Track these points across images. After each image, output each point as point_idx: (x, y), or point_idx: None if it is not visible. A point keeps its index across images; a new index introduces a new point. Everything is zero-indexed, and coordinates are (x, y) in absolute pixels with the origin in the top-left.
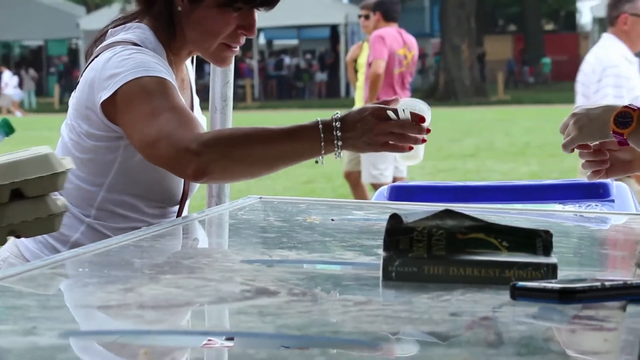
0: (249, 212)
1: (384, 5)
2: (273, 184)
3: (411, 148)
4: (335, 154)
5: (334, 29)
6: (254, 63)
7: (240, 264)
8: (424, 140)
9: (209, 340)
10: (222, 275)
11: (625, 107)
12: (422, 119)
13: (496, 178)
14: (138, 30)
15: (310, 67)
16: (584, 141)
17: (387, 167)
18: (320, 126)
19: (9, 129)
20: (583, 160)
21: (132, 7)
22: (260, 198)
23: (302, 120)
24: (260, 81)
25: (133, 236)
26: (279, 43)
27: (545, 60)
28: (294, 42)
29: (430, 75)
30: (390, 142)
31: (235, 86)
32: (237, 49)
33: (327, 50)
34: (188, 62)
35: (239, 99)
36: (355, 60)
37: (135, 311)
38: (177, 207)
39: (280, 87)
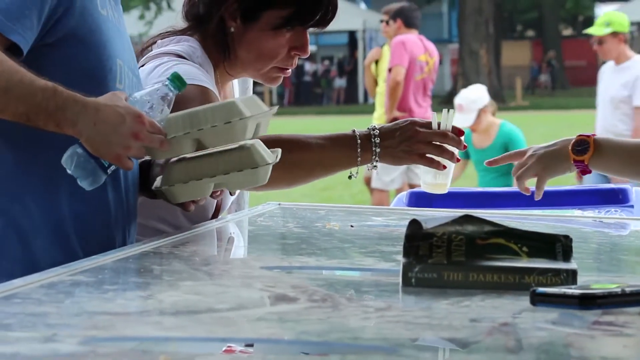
0: (268, 218)
1: (405, 12)
2: (291, 190)
3: (444, 167)
4: (372, 163)
5: (352, 35)
6: None
7: (260, 270)
8: (457, 160)
9: (229, 346)
10: (241, 282)
11: (580, 135)
12: (461, 132)
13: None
14: (186, 44)
15: (328, 74)
16: (550, 177)
17: (398, 175)
18: (358, 134)
19: (180, 84)
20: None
21: (151, 14)
22: (279, 204)
23: (322, 126)
24: (278, 88)
25: (152, 243)
26: None
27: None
28: (312, 48)
29: (447, 81)
30: (427, 154)
31: (254, 93)
32: (290, 70)
33: (345, 56)
34: (235, 82)
35: None
36: (376, 63)
37: (155, 318)
38: (210, 214)
39: (299, 94)
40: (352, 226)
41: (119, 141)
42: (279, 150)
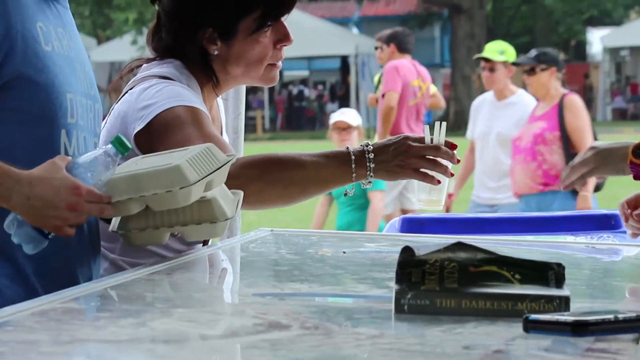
0: (261, 244)
1: (398, 37)
2: (283, 216)
3: (439, 182)
4: (367, 178)
5: (344, 60)
6: (264, 94)
7: (252, 297)
8: (452, 174)
9: None
10: (234, 309)
11: None
12: (454, 146)
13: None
14: (172, 66)
15: (320, 98)
16: (604, 173)
17: (391, 200)
18: (352, 150)
19: (123, 148)
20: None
21: (143, 39)
22: (271, 231)
23: (315, 150)
24: (271, 112)
25: (145, 270)
26: (289, 74)
27: None
28: (304, 73)
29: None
30: (421, 169)
31: (246, 118)
32: (280, 63)
33: (337, 81)
34: (220, 100)
35: (249, 130)
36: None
37: (147, 345)
38: (202, 243)
39: (291, 118)
40: (344, 252)
41: (54, 214)
42: (241, 193)
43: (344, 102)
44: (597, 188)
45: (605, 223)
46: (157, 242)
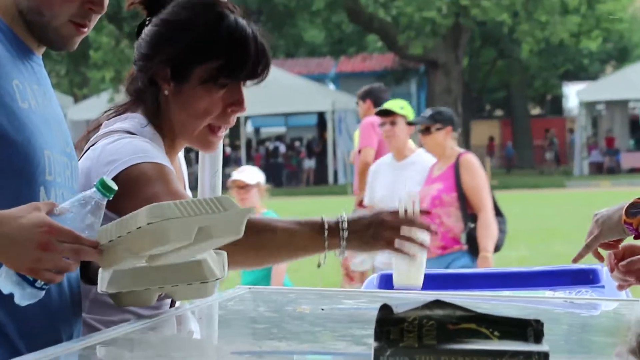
0: (239, 302)
1: (374, 93)
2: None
3: (414, 255)
4: (340, 249)
5: (321, 116)
6: (242, 151)
7: (231, 355)
8: (429, 250)
9: None
10: None
11: (636, 199)
12: (429, 212)
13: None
14: (134, 120)
15: (298, 155)
16: (604, 239)
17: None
18: (326, 220)
19: (107, 190)
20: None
21: (122, 97)
22: (249, 288)
23: (292, 207)
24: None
25: (123, 329)
26: (266, 131)
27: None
28: (281, 129)
29: None
30: (395, 242)
31: (223, 175)
32: (222, 134)
33: (314, 137)
34: (181, 155)
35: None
36: None
37: None
38: (169, 299)
39: (268, 175)
40: (323, 309)
41: (25, 254)
42: (224, 253)
43: (321, 158)
44: (497, 248)
45: (583, 278)
46: (145, 303)
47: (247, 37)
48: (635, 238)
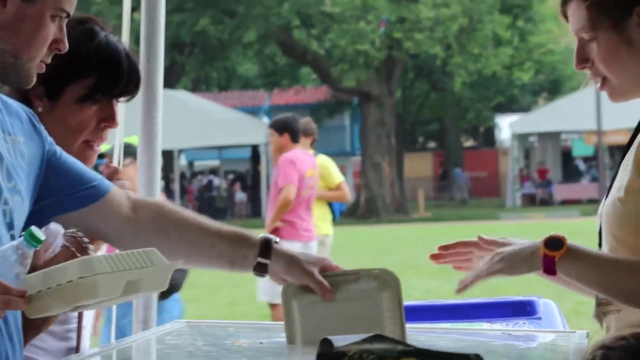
0: (177, 337)
1: (292, 127)
2: (198, 308)
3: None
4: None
5: (254, 149)
6: (175, 184)
7: None
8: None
9: None
10: None
11: (554, 235)
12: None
13: (420, 296)
14: None
15: (231, 187)
16: (512, 274)
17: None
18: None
19: (35, 242)
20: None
21: None
22: (187, 322)
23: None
24: (182, 203)
25: None
26: (200, 164)
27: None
28: (215, 162)
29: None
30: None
31: None
32: (99, 147)
33: (248, 170)
34: None
35: None
36: None
37: None
38: (75, 324)
39: (202, 208)
40: (261, 343)
41: None
42: (175, 264)
43: (255, 191)
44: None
45: (520, 310)
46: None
47: (119, 55)
48: (545, 271)
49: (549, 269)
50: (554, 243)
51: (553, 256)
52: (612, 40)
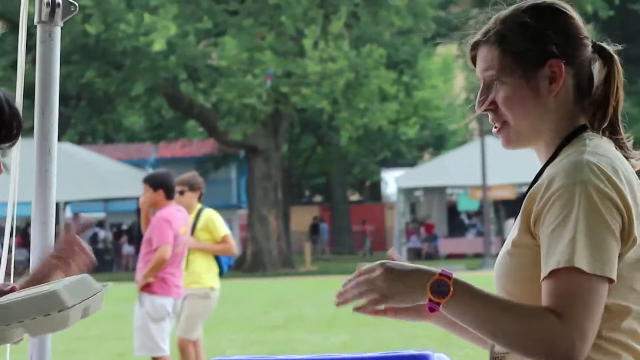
0: None
1: (167, 183)
2: (84, 357)
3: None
4: None
5: None
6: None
7: None
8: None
9: None
10: None
11: (441, 274)
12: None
13: (307, 349)
14: None
15: (117, 240)
16: (395, 303)
17: (163, 338)
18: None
19: None
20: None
21: None
22: None
23: (112, 293)
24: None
25: None
26: (85, 216)
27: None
28: (101, 214)
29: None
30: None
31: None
32: None
33: (134, 222)
34: None
35: None
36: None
37: None
38: None
39: None
40: None
41: None
42: (87, 277)
43: (141, 244)
44: None
45: None
46: (6, 342)
47: (0, 102)
48: (430, 311)
49: (432, 309)
50: (441, 289)
51: (439, 303)
52: (519, 86)
